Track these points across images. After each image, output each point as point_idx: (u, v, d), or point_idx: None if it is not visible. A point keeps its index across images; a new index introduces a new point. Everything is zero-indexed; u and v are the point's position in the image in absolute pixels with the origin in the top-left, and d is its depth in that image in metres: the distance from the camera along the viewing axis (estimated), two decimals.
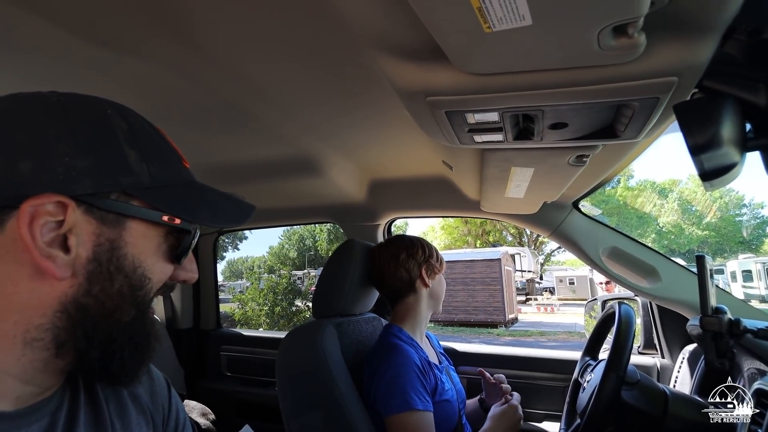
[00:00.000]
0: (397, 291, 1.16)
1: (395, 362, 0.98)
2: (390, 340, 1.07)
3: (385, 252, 1.18)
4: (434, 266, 1.19)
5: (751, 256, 17.29)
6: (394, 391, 0.94)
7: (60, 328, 0.37)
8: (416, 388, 0.96)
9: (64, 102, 0.40)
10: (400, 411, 0.92)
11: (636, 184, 25.09)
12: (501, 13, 0.40)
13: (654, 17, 0.42)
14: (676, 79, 0.51)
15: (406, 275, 1.15)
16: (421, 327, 1.17)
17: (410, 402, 0.93)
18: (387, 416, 0.94)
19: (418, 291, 1.16)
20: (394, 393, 0.94)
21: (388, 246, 1.19)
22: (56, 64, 0.74)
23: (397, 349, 1.02)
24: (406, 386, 0.95)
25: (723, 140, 0.50)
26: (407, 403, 0.93)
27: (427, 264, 1.17)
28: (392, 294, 1.18)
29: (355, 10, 0.53)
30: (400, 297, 1.17)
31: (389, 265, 1.15)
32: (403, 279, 1.15)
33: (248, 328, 7.70)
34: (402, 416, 0.92)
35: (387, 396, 0.95)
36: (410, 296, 1.16)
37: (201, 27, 0.67)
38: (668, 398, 0.84)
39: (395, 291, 1.17)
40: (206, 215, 0.46)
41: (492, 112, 0.63)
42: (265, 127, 1.06)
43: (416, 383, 0.96)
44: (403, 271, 1.15)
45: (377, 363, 1.01)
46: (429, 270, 1.17)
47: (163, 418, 0.55)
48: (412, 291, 1.16)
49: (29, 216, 0.35)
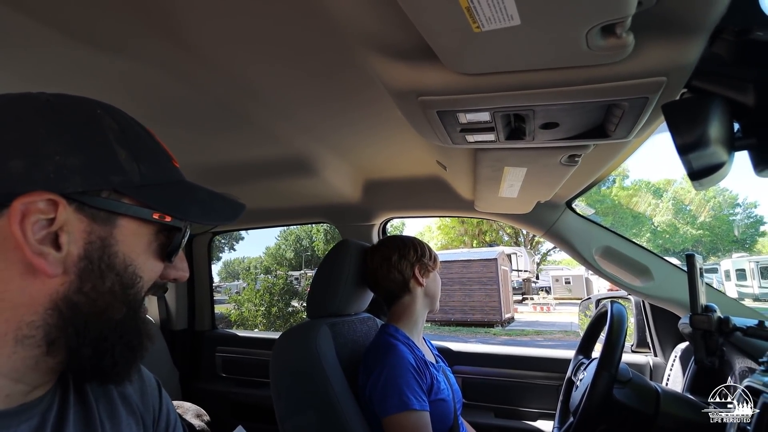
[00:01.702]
0: (391, 292, 1.16)
1: (390, 362, 0.98)
2: (386, 340, 1.06)
3: (377, 254, 1.17)
4: (428, 265, 1.18)
5: (744, 255, 17.45)
6: (390, 392, 0.94)
7: (51, 326, 0.37)
8: (412, 387, 0.95)
9: (53, 102, 0.40)
10: (397, 411, 0.92)
11: (631, 184, 25.25)
12: (489, 12, 0.40)
13: (642, 17, 0.42)
14: (664, 79, 0.52)
15: (399, 276, 1.14)
16: (417, 326, 1.17)
17: (407, 402, 0.92)
18: (384, 417, 0.94)
19: (413, 291, 1.16)
20: (391, 393, 0.94)
21: (380, 248, 1.18)
22: (47, 64, 0.73)
23: (392, 349, 1.02)
24: (403, 386, 0.94)
25: (711, 140, 0.51)
26: (404, 403, 0.92)
27: (420, 263, 1.17)
28: (387, 295, 1.17)
29: (346, 10, 0.53)
30: (395, 298, 1.16)
31: (382, 268, 1.15)
32: (396, 280, 1.14)
33: (244, 329, 7.68)
34: (399, 416, 0.92)
35: (383, 396, 0.94)
36: (405, 296, 1.16)
37: (192, 27, 0.66)
38: (660, 396, 0.84)
39: (390, 292, 1.16)
40: (197, 213, 0.46)
41: (483, 112, 0.63)
42: (259, 128, 1.06)
43: (412, 383, 0.96)
44: (396, 272, 1.14)
45: (372, 363, 1.01)
46: (422, 269, 1.17)
47: (153, 418, 0.54)
48: (407, 291, 1.16)
49: (20, 214, 0.35)
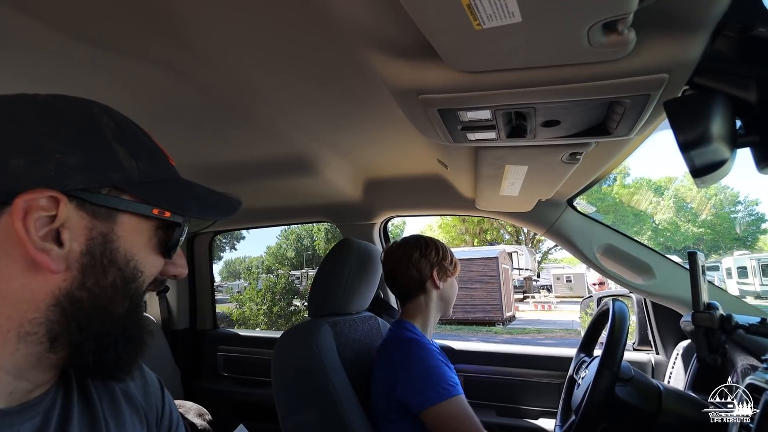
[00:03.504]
0: (407, 289, 1.16)
1: (421, 355, 0.98)
2: (405, 335, 1.06)
3: (399, 250, 1.18)
4: (447, 269, 1.18)
5: (746, 253, 17.40)
6: (429, 382, 0.94)
7: (54, 322, 0.38)
8: (449, 374, 0.96)
9: (51, 102, 0.40)
10: (441, 400, 0.92)
11: (632, 182, 25.22)
12: (490, 10, 0.40)
13: (644, 14, 0.42)
14: (666, 75, 0.52)
15: (417, 275, 1.14)
16: (428, 328, 1.16)
17: (450, 389, 0.93)
18: (425, 408, 0.92)
19: (428, 292, 1.16)
20: (430, 384, 0.93)
21: (403, 244, 1.19)
22: (49, 63, 0.73)
23: (416, 343, 1.02)
24: (442, 375, 0.95)
25: (713, 137, 0.50)
26: (447, 391, 0.93)
27: (440, 266, 1.17)
28: (402, 292, 1.17)
29: (347, 9, 0.53)
30: (409, 296, 1.16)
31: (401, 263, 1.15)
32: (413, 278, 1.14)
33: (246, 329, 7.70)
34: (445, 404, 0.92)
35: (422, 389, 0.93)
36: (420, 296, 1.16)
37: (193, 27, 0.66)
38: (662, 394, 0.84)
39: (405, 289, 1.16)
40: (195, 208, 0.47)
41: (484, 110, 0.63)
42: (261, 127, 1.06)
43: (446, 371, 0.97)
44: (415, 270, 1.14)
45: (397, 358, 1.00)
46: (441, 272, 1.17)
47: (156, 417, 0.55)
48: (422, 291, 1.15)
49: (22, 211, 0.35)
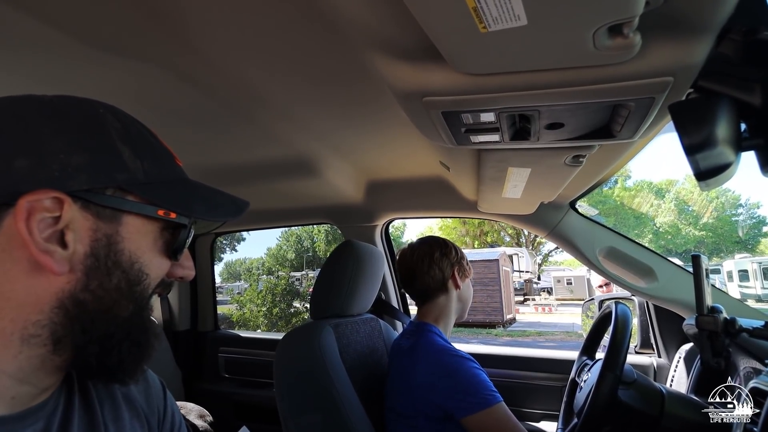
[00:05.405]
0: (428, 290, 1.15)
1: (460, 363, 0.98)
2: (438, 341, 1.05)
3: (418, 250, 1.17)
4: (465, 269, 1.18)
5: (747, 256, 17.38)
6: (473, 389, 0.94)
7: (57, 324, 0.37)
8: (488, 381, 0.96)
9: (56, 102, 0.40)
10: (487, 406, 0.92)
11: (633, 185, 25.21)
12: (496, 13, 0.40)
13: (649, 17, 0.42)
14: (671, 79, 0.52)
15: (440, 274, 1.13)
16: (448, 331, 1.15)
17: (493, 395, 0.94)
18: (469, 415, 0.92)
19: (450, 292, 1.15)
20: (475, 391, 0.93)
21: (422, 245, 1.18)
22: (52, 65, 0.73)
23: (454, 349, 1.02)
24: (483, 382, 0.95)
25: (718, 140, 0.50)
26: (493, 396, 0.93)
27: (459, 265, 1.17)
28: (422, 293, 1.16)
29: (351, 11, 0.53)
30: (430, 296, 1.15)
31: (423, 263, 1.14)
32: (436, 277, 1.13)
33: (246, 330, 7.69)
34: (491, 410, 0.92)
35: (464, 396, 0.93)
36: (441, 296, 1.15)
37: (198, 30, 0.66)
38: (665, 397, 0.84)
39: (426, 289, 1.15)
40: (201, 209, 0.46)
41: (488, 113, 0.63)
42: (263, 129, 1.06)
43: (486, 378, 0.97)
44: (437, 269, 1.13)
45: (435, 364, 0.99)
46: (461, 272, 1.17)
47: (158, 420, 0.54)
48: (444, 291, 1.15)
49: (26, 212, 0.35)
